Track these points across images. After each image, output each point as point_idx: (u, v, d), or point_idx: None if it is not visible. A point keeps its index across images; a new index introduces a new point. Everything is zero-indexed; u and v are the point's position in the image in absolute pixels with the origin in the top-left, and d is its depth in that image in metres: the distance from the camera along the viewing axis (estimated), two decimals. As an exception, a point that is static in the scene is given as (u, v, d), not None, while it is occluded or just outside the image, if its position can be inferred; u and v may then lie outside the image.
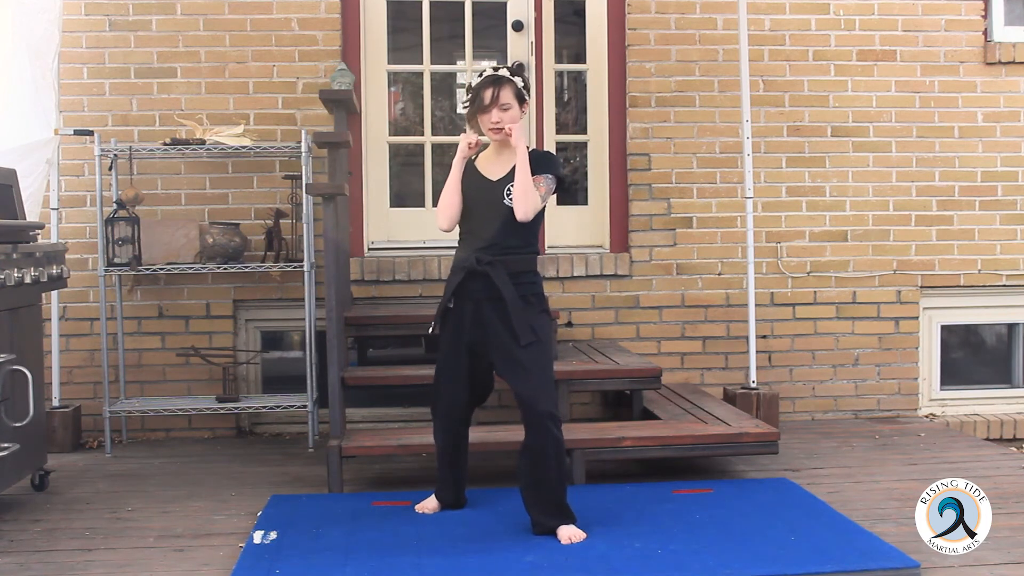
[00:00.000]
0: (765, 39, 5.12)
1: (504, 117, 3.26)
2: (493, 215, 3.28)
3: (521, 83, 3.31)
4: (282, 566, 2.97)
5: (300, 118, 4.92)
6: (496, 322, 3.25)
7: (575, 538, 3.15)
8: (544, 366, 3.26)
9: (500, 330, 3.25)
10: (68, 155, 4.81)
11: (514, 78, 3.30)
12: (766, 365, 5.13)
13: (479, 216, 3.32)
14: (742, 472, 4.12)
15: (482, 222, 3.30)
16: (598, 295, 5.11)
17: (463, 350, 3.34)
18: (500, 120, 3.26)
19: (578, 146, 5.38)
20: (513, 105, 3.27)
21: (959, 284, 5.27)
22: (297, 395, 4.81)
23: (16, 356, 3.55)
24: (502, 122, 3.26)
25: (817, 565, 2.93)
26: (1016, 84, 5.24)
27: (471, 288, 3.28)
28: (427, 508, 3.52)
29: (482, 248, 3.27)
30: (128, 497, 3.85)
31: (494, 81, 3.27)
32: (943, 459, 4.34)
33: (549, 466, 3.19)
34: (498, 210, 3.27)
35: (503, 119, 3.26)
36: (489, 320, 3.27)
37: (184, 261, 4.66)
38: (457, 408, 3.42)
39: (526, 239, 3.32)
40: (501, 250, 3.26)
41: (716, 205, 5.14)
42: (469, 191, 3.34)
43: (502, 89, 3.26)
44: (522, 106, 3.32)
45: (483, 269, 3.24)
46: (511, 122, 3.26)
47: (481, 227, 3.30)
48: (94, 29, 4.87)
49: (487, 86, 3.27)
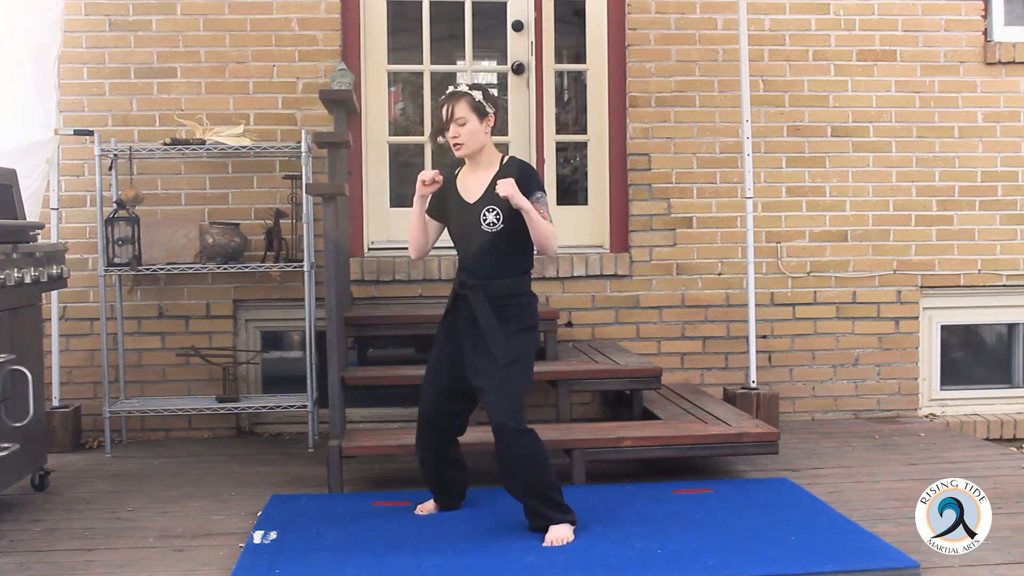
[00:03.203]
0: (765, 39, 5.12)
1: (462, 132, 3.25)
2: (473, 238, 3.29)
3: (479, 96, 3.28)
4: (282, 566, 2.97)
5: (300, 118, 4.92)
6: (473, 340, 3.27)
7: (558, 541, 3.14)
8: (510, 378, 3.22)
9: (474, 347, 3.27)
10: (68, 155, 4.81)
11: (472, 92, 3.28)
12: (766, 365, 5.13)
13: (461, 238, 3.35)
14: (742, 472, 4.12)
15: (465, 245, 3.33)
16: (598, 295, 5.11)
17: (445, 363, 3.37)
18: (458, 135, 3.26)
19: (578, 146, 5.38)
20: (469, 119, 3.25)
21: (959, 284, 5.27)
22: (297, 395, 4.81)
23: (16, 356, 3.55)
24: (459, 137, 3.26)
25: (817, 565, 2.93)
26: (1016, 84, 5.24)
27: (460, 307, 3.32)
28: (426, 510, 3.53)
29: (468, 271, 3.30)
30: (128, 497, 3.85)
31: (448, 98, 3.28)
32: (943, 459, 4.34)
33: (522, 472, 3.19)
34: (476, 234, 3.27)
35: (460, 134, 3.26)
36: (467, 337, 3.29)
37: (184, 261, 4.66)
38: (433, 415, 3.41)
39: (512, 260, 3.31)
40: (484, 275, 3.27)
41: (716, 205, 5.14)
42: (451, 213, 3.36)
43: (456, 104, 3.25)
44: (484, 119, 3.28)
45: (464, 293, 3.28)
46: (468, 136, 3.25)
47: (465, 251, 3.34)
48: (94, 29, 4.87)
49: (441, 104, 3.28)
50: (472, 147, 3.27)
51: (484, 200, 3.27)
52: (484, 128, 3.28)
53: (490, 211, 3.24)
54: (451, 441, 3.48)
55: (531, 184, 3.26)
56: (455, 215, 3.34)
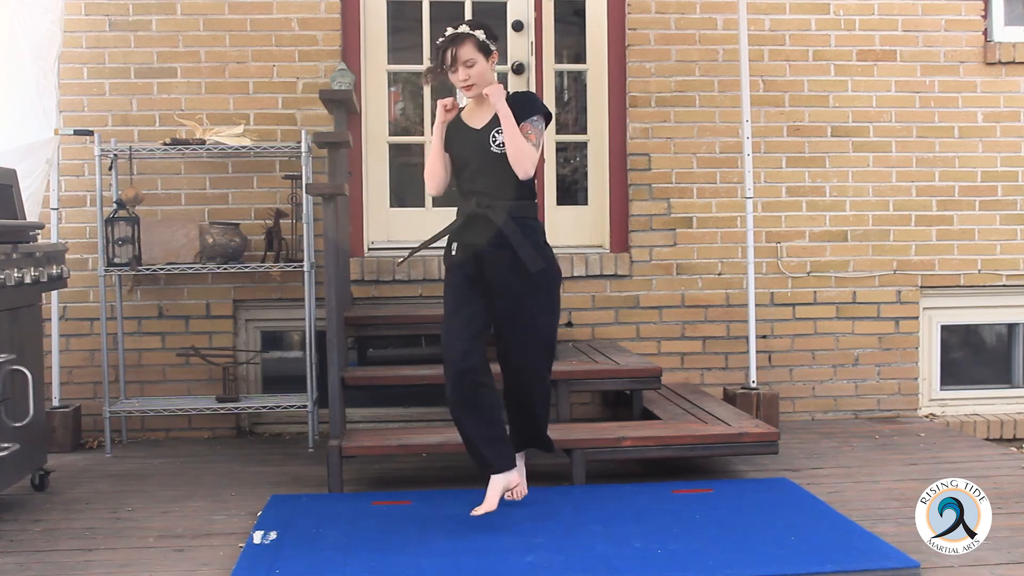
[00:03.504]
0: (765, 39, 5.12)
1: (471, 73, 3.22)
2: (483, 163, 3.25)
3: (483, 35, 3.23)
4: (282, 566, 2.97)
5: (300, 118, 4.92)
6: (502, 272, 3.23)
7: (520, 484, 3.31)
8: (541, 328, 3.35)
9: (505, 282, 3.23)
10: (68, 155, 4.81)
11: (474, 31, 3.23)
12: (766, 365, 5.13)
13: (470, 168, 3.29)
14: (742, 472, 4.12)
15: (474, 174, 3.28)
16: (598, 295, 5.11)
17: (478, 304, 3.27)
18: (468, 77, 3.22)
19: (578, 146, 5.38)
20: (477, 59, 3.22)
21: (959, 284, 5.27)
22: (297, 395, 4.81)
23: (16, 356, 3.55)
24: (470, 79, 3.22)
25: (817, 565, 2.93)
26: (1016, 84, 5.24)
27: (470, 235, 3.25)
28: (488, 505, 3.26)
29: (479, 195, 3.25)
30: (128, 497, 3.85)
31: (451, 40, 3.22)
32: (943, 459, 4.34)
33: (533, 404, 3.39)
34: (487, 157, 3.24)
35: (471, 75, 3.22)
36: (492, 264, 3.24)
37: (184, 261, 4.66)
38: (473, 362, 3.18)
39: (522, 185, 3.28)
40: (498, 198, 3.23)
41: (716, 205, 5.14)
42: (456, 145, 3.32)
43: (460, 47, 3.20)
44: (489, 57, 3.26)
45: (483, 212, 3.21)
46: (479, 76, 3.22)
47: (474, 179, 3.28)
48: (94, 29, 4.87)
49: (445, 47, 3.22)
50: (483, 86, 3.25)
51: (493, 123, 3.26)
52: (491, 66, 3.27)
53: (499, 132, 3.23)
54: (489, 382, 3.27)
55: (527, 107, 3.25)
56: (463, 143, 3.30)
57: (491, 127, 3.26)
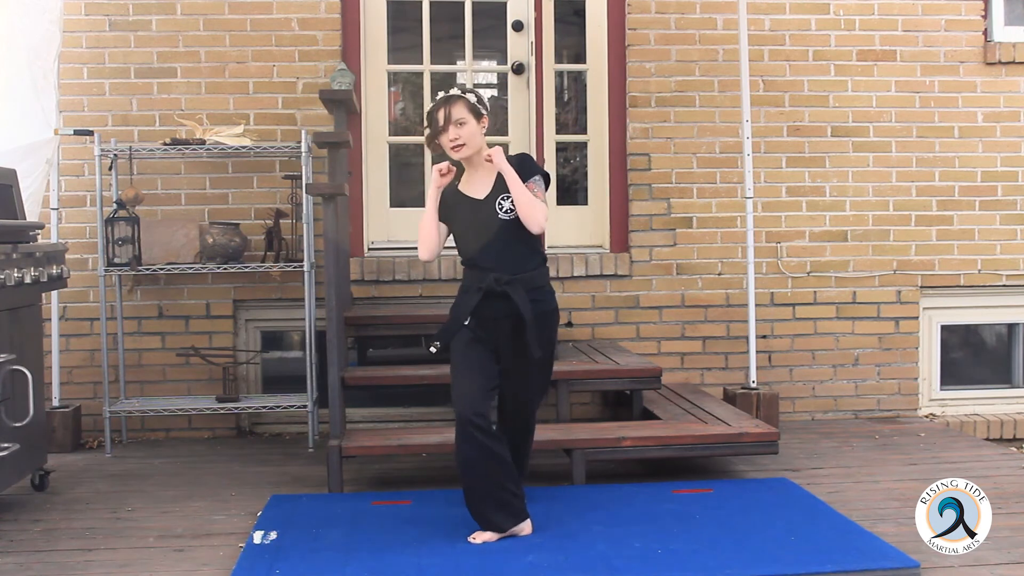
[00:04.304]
0: (765, 39, 5.12)
1: (461, 133, 3.24)
2: (491, 234, 3.25)
3: (474, 99, 3.28)
4: (282, 566, 2.97)
5: (300, 118, 4.92)
6: (511, 337, 3.27)
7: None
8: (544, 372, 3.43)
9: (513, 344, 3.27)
10: (68, 155, 4.81)
11: (465, 95, 3.28)
12: (766, 365, 5.13)
13: (478, 239, 3.28)
14: (742, 472, 4.12)
15: (484, 245, 3.26)
16: (598, 295, 5.11)
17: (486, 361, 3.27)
18: (458, 136, 3.24)
19: (578, 146, 5.38)
20: (468, 120, 3.25)
21: (959, 284, 5.27)
22: (297, 395, 4.81)
23: (16, 356, 3.55)
24: (460, 138, 3.25)
25: (817, 565, 2.93)
26: (1016, 84, 5.24)
27: (487, 309, 3.25)
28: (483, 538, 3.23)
29: (491, 269, 3.24)
30: (128, 497, 3.85)
31: (444, 101, 3.27)
32: (943, 459, 4.34)
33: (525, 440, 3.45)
34: (495, 226, 3.24)
35: (460, 135, 3.24)
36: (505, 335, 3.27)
37: (184, 261, 4.66)
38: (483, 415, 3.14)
39: (534, 250, 3.32)
40: (514, 269, 3.24)
41: (716, 205, 5.14)
42: (460, 219, 3.32)
43: (452, 107, 3.24)
44: (480, 120, 3.29)
45: (502, 290, 3.22)
46: (469, 137, 3.25)
47: (485, 251, 3.26)
48: (94, 29, 4.87)
49: (438, 108, 3.26)
50: (472, 148, 3.27)
51: (496, 191, 3.27)
52: (481, 129, 3.29)
53: (505, 199, 3.24)
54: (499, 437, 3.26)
55: (528, 169, 3.28)
56: (466, 215, 3.30)
57: (496, 194, 3.26)
